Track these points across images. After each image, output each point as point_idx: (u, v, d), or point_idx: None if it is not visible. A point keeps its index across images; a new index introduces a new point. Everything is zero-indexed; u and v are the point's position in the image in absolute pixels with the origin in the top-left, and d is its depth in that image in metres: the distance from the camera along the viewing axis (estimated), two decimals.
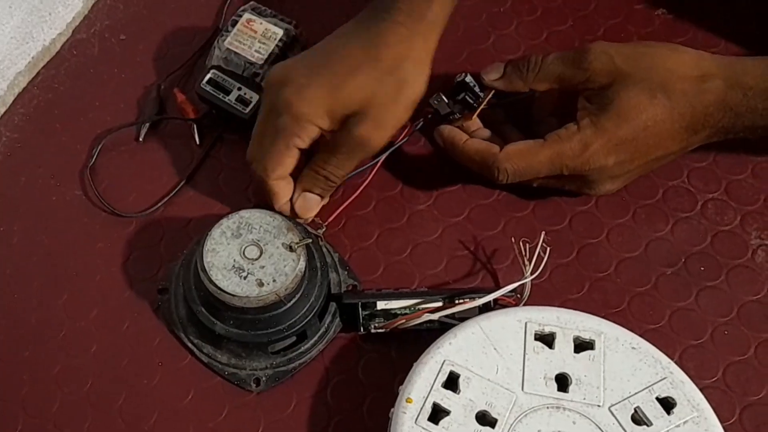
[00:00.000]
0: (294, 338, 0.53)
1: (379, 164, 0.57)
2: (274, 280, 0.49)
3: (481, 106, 0.55)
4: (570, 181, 0.54)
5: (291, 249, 0.50)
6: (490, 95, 0.55)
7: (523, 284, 0.52)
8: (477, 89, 0.55)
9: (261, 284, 0.49)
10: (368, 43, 0.52)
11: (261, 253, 0.50)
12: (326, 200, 0.57)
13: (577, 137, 0.51)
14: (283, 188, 0.55)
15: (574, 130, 0.51)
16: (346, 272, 0.56)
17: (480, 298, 0.51)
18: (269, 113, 0.53)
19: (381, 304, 0.53)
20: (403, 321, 0.52)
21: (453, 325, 0.50)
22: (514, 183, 0.54)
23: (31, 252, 0.59)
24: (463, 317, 0.51)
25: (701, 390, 0.47)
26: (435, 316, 0.52)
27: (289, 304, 0.50)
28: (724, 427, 0.46)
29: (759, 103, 0.50)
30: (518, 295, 0.53)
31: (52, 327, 0.56)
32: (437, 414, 0.47)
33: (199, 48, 0.65)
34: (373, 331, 0.53)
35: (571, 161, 0.51)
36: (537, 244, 0.53)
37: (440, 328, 0.51)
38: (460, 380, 0.47)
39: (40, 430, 0.53)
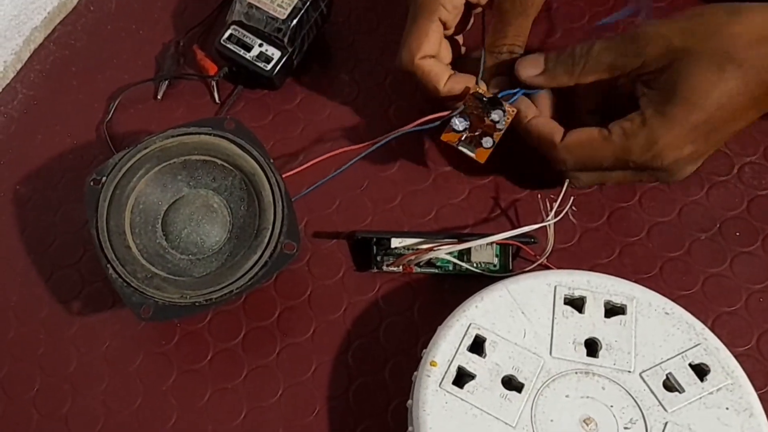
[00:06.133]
0: None
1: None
2: None
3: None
4: (643, 175, 0.49)
5: None
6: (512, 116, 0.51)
7: (546, 239, 0.50)
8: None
9: None
10: None
11: None
12: None
13: (644, 132, 0.46)
14: (435, 66, 0.50)
15: (638, 124, 0.46)
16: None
17: (494, 236, 0.50)
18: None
19: (395, 242, 0.52)
20: (413, 257, 0.51)
21: (469, 275, 0.49)
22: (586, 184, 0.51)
23: (47, 211, 0.58)
24: (483, 274, 0.51)
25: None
26: (454, 249, 0.50)
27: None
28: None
29: None
30: (534, 240, 0.52)
31: (69, 287, 0.55)
32: (462, 378, 0.45)
33: (219, 4, 0.64)
34: (385, 269, 0.52)
35: (640, 157, 0.47)
36: (561, 191, 0.51)
37: (455, 274, 0.51)
38: (486, 344, 0.46)
39: (56, 390, 0.52)
